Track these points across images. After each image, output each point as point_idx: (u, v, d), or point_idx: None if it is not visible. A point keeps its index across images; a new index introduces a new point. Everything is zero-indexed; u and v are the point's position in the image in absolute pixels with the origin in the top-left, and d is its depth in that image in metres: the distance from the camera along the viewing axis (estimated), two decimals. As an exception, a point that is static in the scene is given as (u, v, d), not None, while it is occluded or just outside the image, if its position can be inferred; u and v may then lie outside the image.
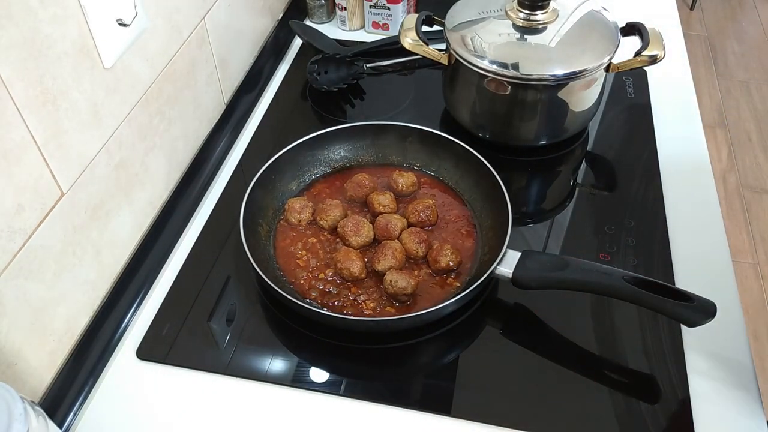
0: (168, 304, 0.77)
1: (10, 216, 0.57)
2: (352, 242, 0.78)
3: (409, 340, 0.72)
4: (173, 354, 0.72)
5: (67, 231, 0.65)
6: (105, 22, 0.66)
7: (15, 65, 0.55)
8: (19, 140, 0.57)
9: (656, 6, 1.25)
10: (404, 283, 0.72)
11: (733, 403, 0.67)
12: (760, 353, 1.78)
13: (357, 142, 0.91)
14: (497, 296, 0.77)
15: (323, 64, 1.06)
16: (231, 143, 0.99)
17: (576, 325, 0.74)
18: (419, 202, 0.82)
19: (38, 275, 0.62)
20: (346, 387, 0.69)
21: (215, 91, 0.96)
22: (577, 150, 0.97)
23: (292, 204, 0.83)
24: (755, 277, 2.00)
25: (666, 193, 0.88)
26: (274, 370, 0.71)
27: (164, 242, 0.83)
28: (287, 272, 0.78)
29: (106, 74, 0.68)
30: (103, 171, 0.70)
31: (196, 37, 0.87)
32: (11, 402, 0.46)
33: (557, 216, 0.88)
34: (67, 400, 0.67)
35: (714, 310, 0.64)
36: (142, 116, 0.76)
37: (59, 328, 0.66)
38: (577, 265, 0.69)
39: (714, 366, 0.70)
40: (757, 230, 2.13)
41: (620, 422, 0.66)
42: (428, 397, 0.68)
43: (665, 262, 0.79)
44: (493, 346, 0.73)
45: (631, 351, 0.71)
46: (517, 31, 0.88)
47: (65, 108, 0.62)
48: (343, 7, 1.19)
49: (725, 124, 2.54)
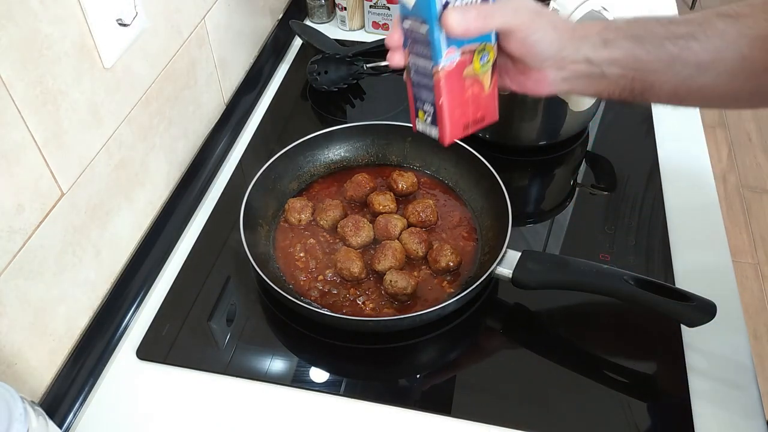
0: (168, 304, 0.77)
1: (10, 216, 0.57)
2: (352, 242, 0.78)
3: (409, 340, 0.72)
4: (173, 354, 0.72)
5: (67, 231, 0.65)
6: (105, 22, 0.66)
7: (15, 65, 0.55)
8: (19, 140, 0.57)
9: (656, 6, 1.25)
10: (404, 283, 0.72)
11: (733, 403, 0.67)
12: (760, 353, 1.78)
13: (357, 142, 0.91)
14: (497, 296, 0.77)
15: (323, 64, 1.06)
16: (231, 143, 0.99)
17: (576, 325, 0.74)
18: (419, 202, 0.82)
19: (38, 275, 0.62)
20: (346, 387, 0.69)
21: (215, 91, 0.96)
22: (577, 150, 0.97)
23: (292, 204, 0.83)
24: (755, 277, 2.00)
25: (666, 193, 0.88)
26: (274, 370, 0.71)
27: (164, 242, 0.83)
28: (287, 272, 0.78)
29: (106, 74, 0.68)
30: (103, 171, 0.70)
31: (196, 37, 0.87)
32: (11, 402, 0.46)
33: (557, 216, 0.88)
34: (67, 400, 0.67)
35: (714, 310, 0.64)
36: (142, 116, 0.76)
37: (59, 328, 0.66)
38: (577, 265, 0.69)
39: (714, 366, 0.70)
40: (757, 230, 2.13)
41: (620, 422, 0.66)
42: (428, 397, 0.68)
43: (665, 262, 0.79)
44: (493, 346, 0.73)
45: (631, 351, 0.71)
46: (517, 31, 0.88)
47: (65, 108, 0.62)
48: (343, 7, 1.19)
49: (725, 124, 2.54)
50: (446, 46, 0.49)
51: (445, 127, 0.54)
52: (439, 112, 0.53)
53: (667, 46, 0.52)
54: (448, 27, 0.48)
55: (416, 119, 0.56)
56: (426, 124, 0.55)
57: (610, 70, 0.53)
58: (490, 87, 0.54)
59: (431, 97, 0.52)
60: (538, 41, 0.51)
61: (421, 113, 0.55)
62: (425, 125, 0.55)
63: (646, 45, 0.52)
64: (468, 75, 0.52)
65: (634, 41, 0.52)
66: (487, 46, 0.52)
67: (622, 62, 0.53)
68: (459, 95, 0.53)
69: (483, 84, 0.54)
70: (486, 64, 0.53)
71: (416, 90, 0.54)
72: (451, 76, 0.51)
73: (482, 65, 0.53)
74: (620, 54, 0.53)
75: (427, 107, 0.54)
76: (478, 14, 0.48)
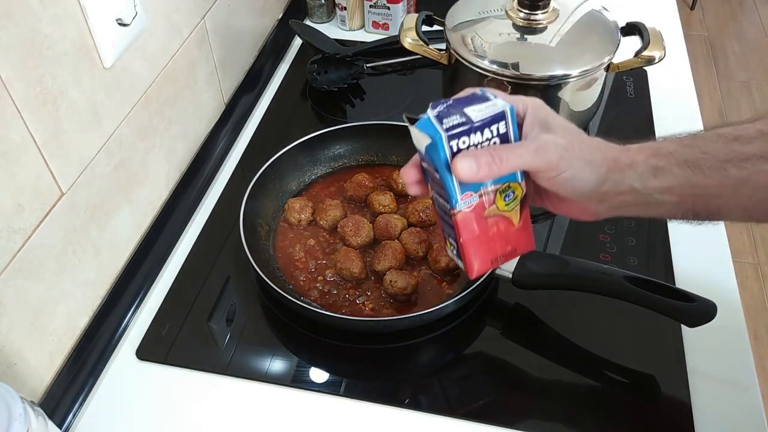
0: (168, 304, 0.77)
1: (10, 216, 0.57)
2: (352, 242, 0.78)
3: (409, 340, 0.72)
4: (173, 354, 0.72)
5: (67, 231, 0.65)
6: (105, 21, 0.66)
7: (15, 65, 0.55)
8: (18, 140, 0.57)
9: (656, 6, 1.25)
10: (404, 283, 0.72)
11: (733, 403, 0.67)
12: (760, 353, 1.78)
13: (357, 142, 0.91)
14: (497, 296, 0.77)
15: (323, 64, 1.06)
16: (231, 143, 0.99)
17: (576, 325, 0.74)
18: (419, 202, 0.82)
19: (38, 275, 0.62)
20: (346, 387, 0.69)
21: (215, 90, 0.96)
22: (577, 150, 0.97)
23: (292, 204, 0.83)
24: (755, 277, 2.00)
25: (666, 193, 0.88)
26: (274, 370, 0.71)
27: (164, 242, 0.83)
28: (287, 272, 0.78)
29: (106, 74, 0.68)
30: (103, 171, 0.70)
31: (196, 37, 0.87)
32: (11, 402, 0.46)
33: (557, 216, 0.88)
34: (67, 400, 0.67)
35: (714, 310, 0.64)
36: (142, 116, 0.76)
37: (59, 328, 0.66)
38: (577, 265, 0.69)
39: (714, 366, 0.70)
40: (757, 230, 2.13)
41: (620, 422, 0.66)
42: (428, 398, 0.68)
43: (665, 262, 0.79)
44: (493, 346, 0.73)
45: (631, 351, 0.71)
46: (517, 31, 0.88)
47: (65, 108, 0.62)
48: (343, 7, 1.19)
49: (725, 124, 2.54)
50: (461, 191, 0.47)
51: (469, 264, 0.51)
52: (461, 249, 0.50)
53: (731, 171, 0.45)
54: (458, 175, 0.44)
55: (446, 245, 0.54)
56: (453, 254, 0.53)
57: (664, 198, 0.47)
58: (520, 221, 0.51)
59: (453, 233, 0.50)
60: (569, 180, 0.46)
61: (448, 243, 0.53)
62: (453, 255, 0.53)
63: (704, 171, 0.45)
64: (491, 214, 0.49)
65: (689, 167, 0.46)
66: (512, 185, 0.48)
67: (677, 190, 0.46)
68: (482, 234, 0.50)
69: (511, 220, 0.50)
70: (512, 202, 0.49)
71: (442, 222, 0.52)
72: (470, 218, 0.48)
73: (507, 203, 0.49)
74: (674, 182, 0.46)
75: (451, 240, 0.51)
76: (491, 160, 0.44)
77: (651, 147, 0.48)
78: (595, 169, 0.46)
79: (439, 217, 0.52)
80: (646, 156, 0.47)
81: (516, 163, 0.45)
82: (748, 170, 0.44)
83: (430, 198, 0.52)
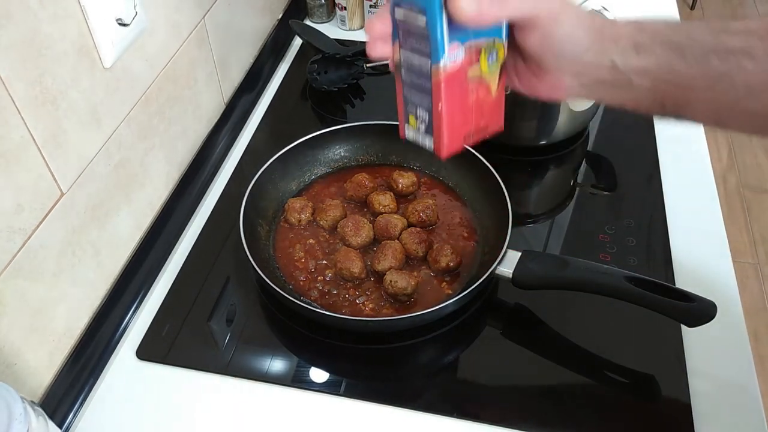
0: (168, 304, 0.77)
1: (9, 216, 0.57)
2: (352, 242, 0.78)
3: (409, 340, 0.72)
4: (173, 354, 0.72)
5: (67, 231, 0.65)
6: (105, 21, 0.66)
7: (15, 65, 0.55)
8: (18, 140, 0.57)
9: (656, 6, 1.25)
10: (404, 283, 0.72)
11: (733, 403, 0.67)
12: (760, 353, 1.78)
13: (357, 142, 0.91)
14: (497, 296, 0.77)
15: (323, 64, 1.06)
16: (231, 143, 0.99)
17: (576, 325, 0.74)
18: (419, 202, 0.82)
19: (38, 275, 0.62)
20: (346, 387, 0.69)
21: (215, 91, 0.96)
22: (577, 150, 0.97)
23: (292, 204, 0.83)
24: (755, 277, 2.00)
25: (666, 193, 0.88)
26: (274, 370, 0.71)
27: (164, 242, 0.83)
28: (287, 272, 0.78)
29: (106, 74, 0.68)
30: (103, 171, 0.70)
31: (196, 37, 0.87)
32: (11, 402, 0.46)
33: (557, 216, 0.88)
34: (67, 400, 0.67)
35: (714, 310, 0.64)
36: (142, 116, 0.76)
37: (59, 328, 0.66)
38: (577, 265, 0.69)
39: (714, 366, 0.70)
40: (758, 230, 2.13)
41: (620, 422, 0.66)
42: (428, 398, 0.68)
43: (665, 262, 0.79)
44: (493, 346, 0.73)
45: (631, 351, 0.71)
46: (517, 31, 0.88)
47: (65, 108, 0.62)
48: (343, 7, 1.19)
49: (725, 124, 2.54)
50: (449, 41, 0.41)
51: (443, 138, 0.45)
52: (436, 119, 0.45)
53: (713, 62, 0.43)
54: (457, 12, 0.39)
55: (406, 125, 0.48)
56: (418, 132, 0.47)
57: (639, 80, 0.45)
58: (497, 91, 0.47)
59: (427, 101, 0.44)
60: (564, 37, 0.43)
61: (412, 119, 0.47)
62: (417, 133, 0.47)
63: (687, 57, 0.44)
64: (473, 77, 0.44)
65: (672, 50, 0.44)
66: (497, 43, 0.44)
67: (655, 73, 0.45)
68: (461, 100, 0.45)
69: (489, 87, 0.46)
70: (494, 64, 0.45)
71: (408, 92, 0.46)
72: (453, 78, 0.43)
73: (490, 65, 0.44)
74: (653, 63, 0.44)
75: (420, 112, 0.46)
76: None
77: (638, 22, 0.46)
78: (587, 30, 0.44)
79: (403, 86, 0.46)
80: (632, 30, 0.45)
81: (522, 5, 0.42)
82: (729, 64, 0.43)
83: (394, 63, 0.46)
